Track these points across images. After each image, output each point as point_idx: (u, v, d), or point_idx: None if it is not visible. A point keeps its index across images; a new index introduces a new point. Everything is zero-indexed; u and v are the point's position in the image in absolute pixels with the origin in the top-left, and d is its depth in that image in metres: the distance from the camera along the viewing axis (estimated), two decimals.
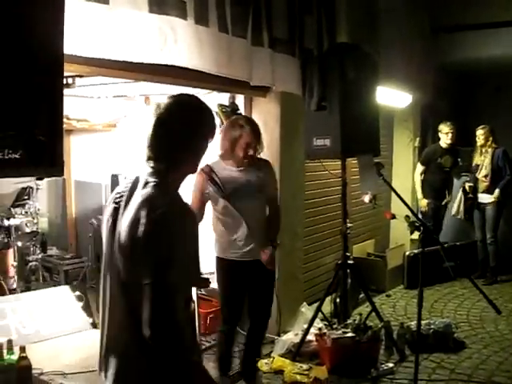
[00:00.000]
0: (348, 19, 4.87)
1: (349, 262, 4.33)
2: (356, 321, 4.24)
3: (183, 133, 1.83)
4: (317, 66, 4.05)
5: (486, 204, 6.51)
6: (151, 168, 1.82)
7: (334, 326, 4.29)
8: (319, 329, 4.30)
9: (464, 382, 3.98)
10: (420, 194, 6.79)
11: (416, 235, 4.76)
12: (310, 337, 4.29)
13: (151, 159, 1.83)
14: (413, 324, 4.46)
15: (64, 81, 2.35)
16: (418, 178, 6.82)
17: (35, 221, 5.19)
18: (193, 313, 2.15)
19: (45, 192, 5.80)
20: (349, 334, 4.09)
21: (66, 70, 2.35)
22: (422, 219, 4.14)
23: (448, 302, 5.87)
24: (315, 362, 4.14)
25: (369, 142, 4.23)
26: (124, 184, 1.89)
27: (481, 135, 6.49)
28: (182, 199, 1.82)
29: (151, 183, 1.77)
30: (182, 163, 1.86)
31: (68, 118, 5.26)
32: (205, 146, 1.91)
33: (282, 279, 4.44)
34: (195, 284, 3.10)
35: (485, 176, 6.47)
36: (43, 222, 5.54)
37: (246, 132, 3.37)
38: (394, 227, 7.20)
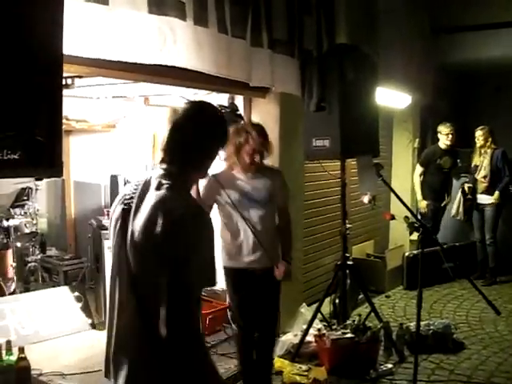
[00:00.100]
0: (347, 20, 4.87)
1: (348, 263, 4.32)
2: (355, 321, 4.25)
3: (198, 138, 1.88)
4: (316, 67, 4.05)
5: (485, 205, 6.51)
6: (163, 170, 1.86)
7: (334, 327, 4.29)
8: (318, 329, 4.31)
9: (463, 383, 3.98)
10: (420, 196, 6.77)
11: (415, 236, 4.76)
12: (310, 337, 4.28)
13: (164, 162, 1.88)
14: (412, 325, 4.45)
15: (63, 81, 2.36)
16: (418, 180, 6.79)
17: (34, 221, 5.19)
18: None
19: (44, 193, 5.81)
20: (348, 335, 4.10)
21: (66, 71, 2.35)
22: (421, 220, 4.14)
23: (447, 303, 5.87)
24: (314, 363, 4.13)
25: (368, 143, 4.24)
26: (132, 186, 1.91)
27: (480, 136, 6.49)
28: (196, 201, 1.87)
29: (165, 185, 1.81)
30: (194, 167, 1.92)
31: (67, 119, 5.26)
32: (216, 153, 1.97)
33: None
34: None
35: (484, 177, 6.47)
36: (42, 223, 5.55)
37: (252, 137, 3.35)
38: (394, 228, 7.19)
